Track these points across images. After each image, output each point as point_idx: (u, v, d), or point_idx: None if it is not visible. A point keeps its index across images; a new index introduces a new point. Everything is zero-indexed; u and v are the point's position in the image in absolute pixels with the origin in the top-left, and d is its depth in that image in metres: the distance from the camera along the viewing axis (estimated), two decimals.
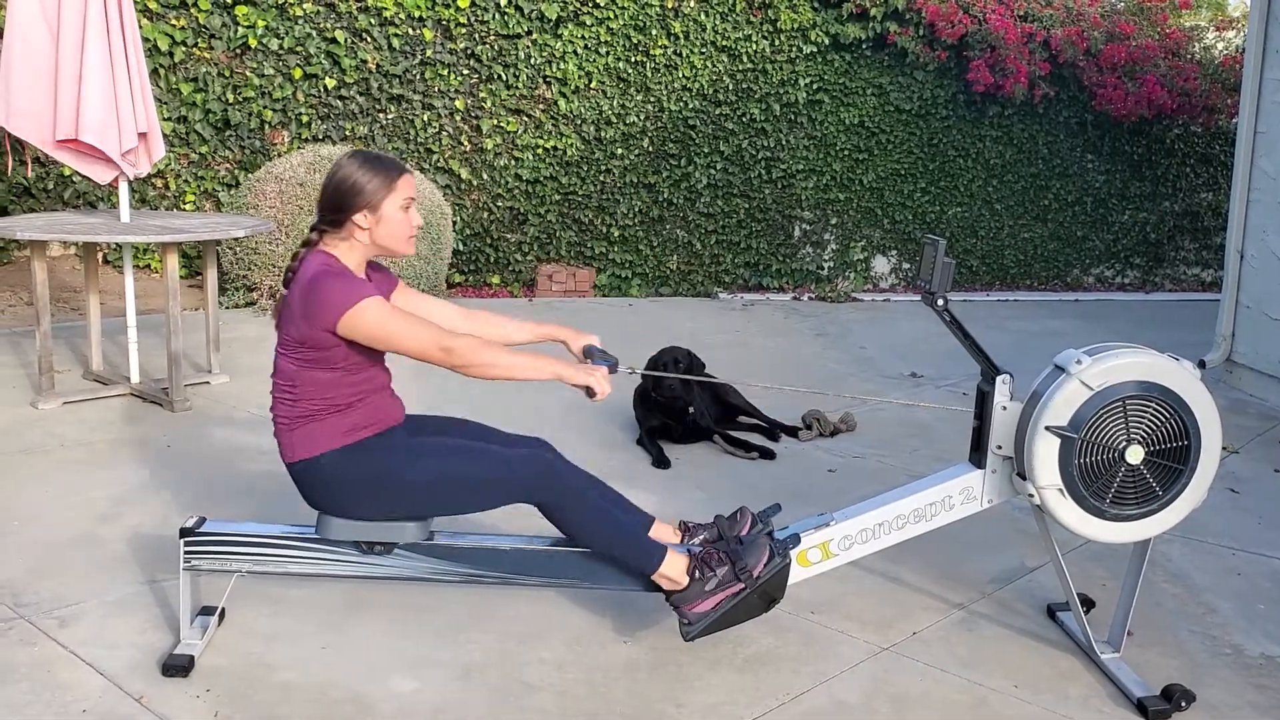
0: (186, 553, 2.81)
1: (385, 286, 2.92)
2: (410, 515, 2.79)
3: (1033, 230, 10.17)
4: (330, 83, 8.17)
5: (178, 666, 2.75)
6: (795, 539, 2.89)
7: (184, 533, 2.81)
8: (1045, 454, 2.79)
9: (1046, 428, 2.78)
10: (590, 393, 2.74)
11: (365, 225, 2.72)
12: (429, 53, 8.39)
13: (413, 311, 2.92)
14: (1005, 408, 2.91)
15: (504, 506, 2.79)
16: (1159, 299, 10.11)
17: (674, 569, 2.79)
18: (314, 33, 8.10)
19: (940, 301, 2.88)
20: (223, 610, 3.04)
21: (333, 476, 2.71)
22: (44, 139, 5.01)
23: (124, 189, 5.30)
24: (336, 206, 2.71)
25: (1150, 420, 2.78)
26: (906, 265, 9.91)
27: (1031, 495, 2.83)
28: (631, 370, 2.99)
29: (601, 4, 8.71)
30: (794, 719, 2.69)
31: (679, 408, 4.77)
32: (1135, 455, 2.79)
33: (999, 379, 2.91)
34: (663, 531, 3.01)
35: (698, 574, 2.79)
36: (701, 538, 2.99)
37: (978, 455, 2.98)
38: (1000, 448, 2.93)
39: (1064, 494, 2.81)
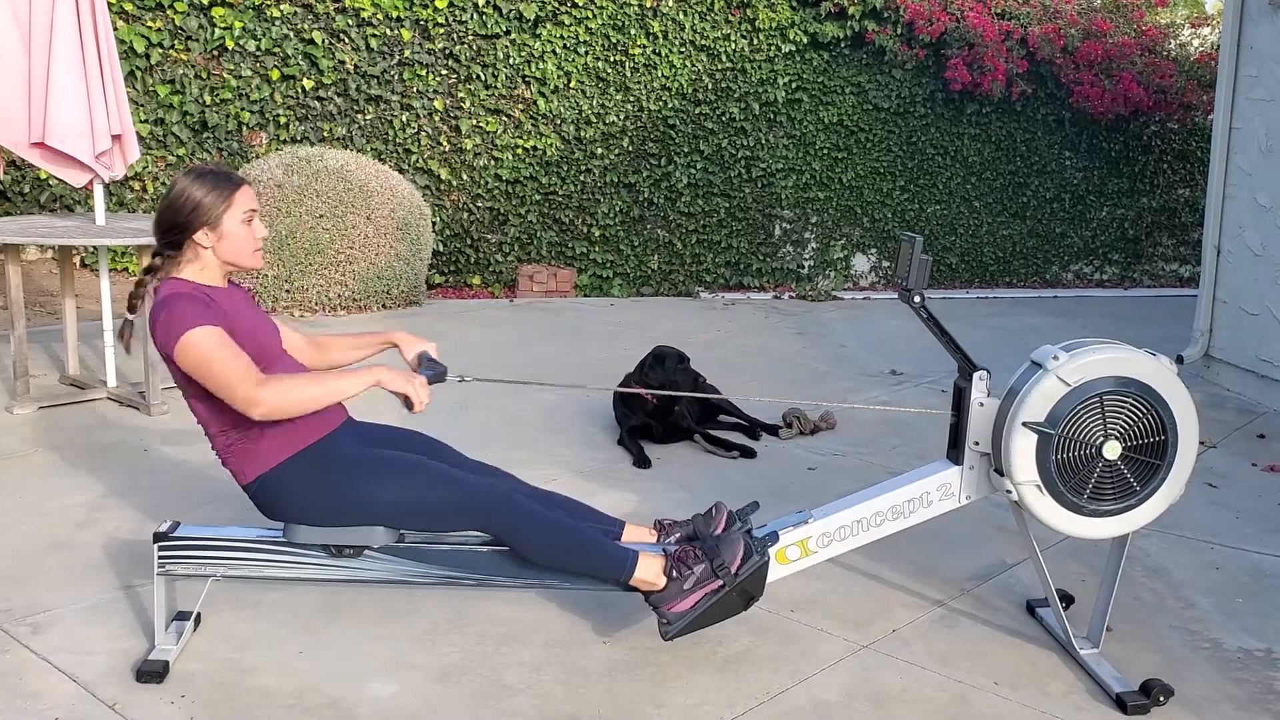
0: (161, 558, 2.79)
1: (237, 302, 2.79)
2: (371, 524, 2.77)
3: (1011, 227, 10.20)
4: (308, 84, 8.13)
5: (152, 672, 2.73)
6: (774, 537, 2.89)
7: (158, 537, 2.79)
8: (1023, 450, 2.79)
9: (1024, 424, 2.78)
10: (408, 403, 2.68)
11: (207, 244, 2.65)
12: (407, 53, 8.36)
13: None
14: (982, 404, 2.91)
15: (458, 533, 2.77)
16: (1137, 295, 10.15)
17: (649, 571, 2.78)
18: (291, 34, 8.06)
19: (917, 298, 2.88)
20: (198, 615, 3.01)
21: (285, 488, 2.69)
22: (16, 141, 4.97)
23: (99, 192, 5.26)
24: (174, 226, 2.63)
25: (1127, 415, 2.79)
26: (886, 263, 9.93)
27: (1009, 491, 2.83)
28: (461, 379, 2.93)
29: (580, 3, 8.69)
30: (774, 718, 2.68)
31: (666, 407, 4.77)
32: (1112, 451, 2.79)
33: (976, 375, 2.91)
34: (637, 534, 3.00)
35: (675, 573, 2.78)
36: (677, 536, 2.98)
37: (955, 452, 2.99)
38: (978, 444, 2.93)
39: (1042, 490, 2.81)
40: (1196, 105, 10.04)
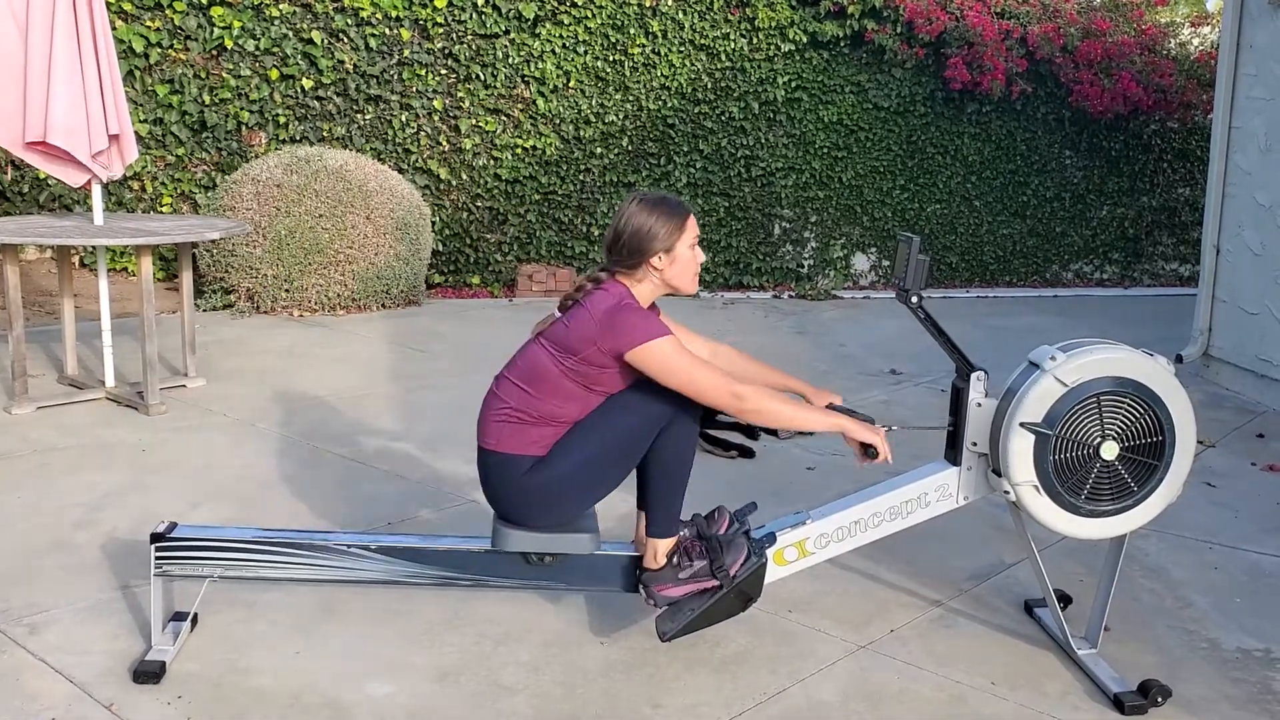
0: (157, 558, 2.78)
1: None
2: (581, 507, 2.83)
3: (1011, 226, 10.20)
4: (307, 83, 8.13)
5: (149, 673, 2.72)
6: (771, 538, 2.89)
7: (155, 538, 2.78)
8: (1020, 450, 2.79)
9: (1021, 424, 2.78)
10: (873, 452, 2.82)
11: (660, 266, 2.84)
12: (406, 53, 8.36)
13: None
14: (980, 404, 2.90)
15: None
16: (1137, 294, 10.15)
17: (668, 547, 2.84)
18: (290, 33, 8.06)
19: (914, 298, 2.88)
20: (195, 615, 3.01)
21: (521, 480, 2.77)
22: (13, 141, 4.96)
23: (97, 191, 5.26)
24: (635, 251, 2.82)
25: (1125, 416, 2.78)
26: (886, 263, 9.92)
27: (1007, 492, 2.83)
28: (890, 428, 2.99)
29: (579, 3, 8.69)
30: (771, 718, 2.68)
31: None
32: (1110, 451, 2.79)
33: (973, 376, 2.90)
34: (638, 531, 3.01)
35: (675, 559, 2.82)
36: (681, 533, 2.98)
37: (953, 452, 2.98)
38: (975, 444, 2.93)
39: (1039, 490, 2.81)
40: (1196, 104, 10.04)
